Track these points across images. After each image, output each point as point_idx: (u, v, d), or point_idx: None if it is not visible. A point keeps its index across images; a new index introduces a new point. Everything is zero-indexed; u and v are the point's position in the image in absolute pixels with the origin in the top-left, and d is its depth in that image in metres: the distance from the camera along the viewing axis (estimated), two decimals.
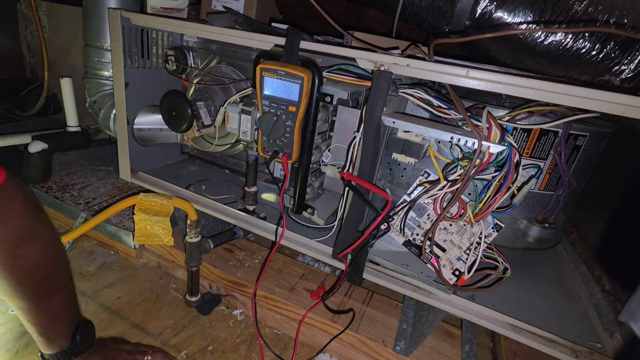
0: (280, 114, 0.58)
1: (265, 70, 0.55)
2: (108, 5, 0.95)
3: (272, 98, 0.57)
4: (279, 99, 0.57)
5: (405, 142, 0.58)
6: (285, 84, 0.56)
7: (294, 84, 0.55)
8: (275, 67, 0.55)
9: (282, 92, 0.56)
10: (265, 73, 0.56)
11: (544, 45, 0.77)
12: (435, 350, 0.69)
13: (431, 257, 0.59)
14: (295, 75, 0.55)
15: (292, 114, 0.57)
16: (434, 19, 0.89)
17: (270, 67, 0.55)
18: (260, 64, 0.56)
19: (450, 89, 0.55)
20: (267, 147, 0.61)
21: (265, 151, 0.61)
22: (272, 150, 0.61)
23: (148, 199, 0.69)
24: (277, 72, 0.55)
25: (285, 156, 0.61)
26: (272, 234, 0.68)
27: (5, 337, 0.64)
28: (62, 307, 0.51)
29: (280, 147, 0.61)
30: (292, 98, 0.56)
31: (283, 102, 0.57)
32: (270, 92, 0.57)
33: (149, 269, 0.87)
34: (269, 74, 0.55)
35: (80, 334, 0.52)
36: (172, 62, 0.77)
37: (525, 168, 0.66)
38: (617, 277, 0.68)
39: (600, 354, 0.53)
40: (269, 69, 0.55)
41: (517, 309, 0.59)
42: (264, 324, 0.76)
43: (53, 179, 1.05)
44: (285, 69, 0.55)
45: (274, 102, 0.57)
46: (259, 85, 0.57)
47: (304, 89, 0.55)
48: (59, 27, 1.25)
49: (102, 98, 1.00)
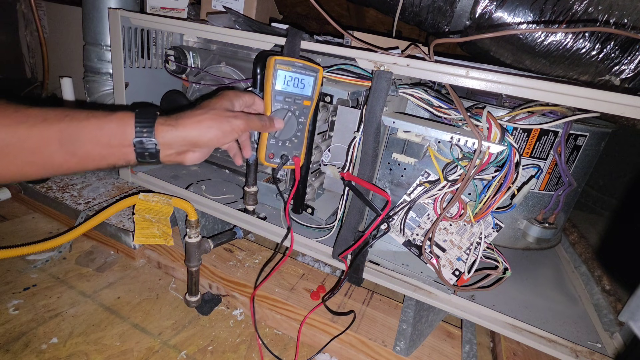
0: (294, 110, 0.54)
1: (280, 63, 0.52)
2: (108, 5, 0.95)
3: (286, 93, 0.53)
4: (293, 93, 0.53)
5: (405, 142, 0.58)
6: (300, 78, 0.53)
7: (308, 77, 0.53)
8: (292, 60, 0.52)
9: (296, 86, 0.53)
10: (281, 66, 0.52)
11: (544, 45, 0.77)
12: (435, 350, 0.69)
13: (431, 257, 0.59)
14: (311, 67, 0.53)
15: (306, 109, 0.55)
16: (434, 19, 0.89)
17: (286, 59, 0.52)
18: (275, 56, 0.52)
19: (450, 89, 0.55)
20: (274, 153, 0.55)
21: (271, 158, 0.55)
22: (280, 155, 0.56)
23: (148, 199, 0.69)
24: (294, 64, 0.52)
25: (297, 160, 0.56)
26: (272, 234, 0.68)
27: (5, 337, 0.64)
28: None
29: (289, 150, 0.56)
30: (305, 93, 0.54)
31: (298, 97, 0.54)
32: (283, 86, 0.53)
33: (149, 269, 0.87)
34: (285, 67, 0.52)
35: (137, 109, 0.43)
36: (172, 62, 0.77)
37: (525, 168, 0.66)
38: (617, 277, 0.68)
39: (600, 354, 0.53)
40: (285, 62, 0.52)
41: (517, 309, 0.59)
42: (264, 324, 0.76)
43: (53, 179, 1.05)
44: (302, 61, 0.52)
45: (288, 97, 0.53)
46: (271, 79, 0.52)
47: (318, 82, 0.54)
48: (59, 27, 1.25)
49: (102, 98, 1.00)
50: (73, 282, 0.79)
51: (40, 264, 0.82)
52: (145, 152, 0.42)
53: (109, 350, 0.64)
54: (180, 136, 0.43)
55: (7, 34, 1.38)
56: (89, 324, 0.69)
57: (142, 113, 0.43)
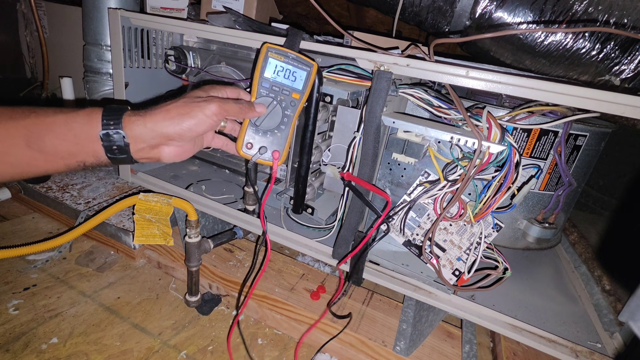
0: (280, 100, 0.51)
1: (272, 51, 0.50)
2: (108, 5, 0.95)
3: (274, 82, 0.51)
4: (281, 84, 0.52)
5: (405, 142, 0.58)
6: (292, 70, 0.51)
7: (301, 70, 0.51)
8: (286, 50, 0.51)
9: (286, 77, 0.52)
10: (272, 54, 0.50)
11: (544, 45, 0.77)
12: (435, 350, 0.69)
13: (431, 257, 0.59)
14: (305, 61, 0.51)
15: (295, 102, 0.52)
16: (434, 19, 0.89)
17: (279, 49, 0.50)
18: (268, 44, 0.51)
19: (450, 89, 0.55)
20: (252, 143, 0.51)
21: (248, 148, 0.51)
22: (259, 147, 0.52)
23: (148, 199, 0.69)
24: (287, 54, 0.51)
25: (276, 155, 0.52)
26: (272, 234, 0.68)
27: (5, 337, 0.64)
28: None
29: (270, 143, 0.52)
30: (296, 86, 0.52)
31: (287, 89, 0.52)
32: (272, 75, 0.51)
33: (149, 269, 0.87)
34: (277, 56, 0.50)
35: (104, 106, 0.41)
36: (172, 62, 0.77)
37: (525, 168, 0.66)
38: (617, 277, 0.68)
39: (600, 354, 0.53)
40: (278, 50, 0.50)
41: (517, 309, 0.59)
42: (264, 324, 0.76)
43: (53, 179, 1.05)
44: (297, 53, 0.51)
45: (275, 87, 0.51)
46: (260, 66, 0.50)
47: (311, 77, 0.52)
48: (59, 27, 1.25)
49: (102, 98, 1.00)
50: (73, 282, 0.79)
51: (40, 264, 0.82)
52: (113, 145, 0.41)
53: (109, 350, 0.64)
54: (150, 127, 0.41)
55: (7, 34, 1.38)
56: (89, 324, 0.69)
57: (110, 107, 0.41)
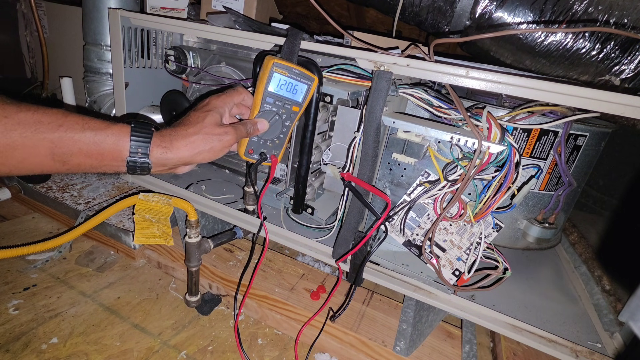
0: (281, 113, 0.56)
1: (278, 66, 0.53)
2: (108, 5, 0.95)
3: (277, 96, 0.55)
4: (284, 97, 0.55)
5: (405, 142, 0.58)
6: (294, 83, 0.54)
7: (302, 84, 0.55)
8: (290, 65, 0.53)
9: (289, 91, 0.55)
10: (278, 69, 0.53)
11: (544, 45, 0.77)
12: (435, 350, 0.69)
13: (431, 257, 0.59)
14: (307, 76, 0.54)
15: (293, 114, 0.57)
16: (434, 19, 0.89)
17: (284, 64, 0.53)
18: (274, 59, 0.53)
19: (450, 89, 0.55)
20: (253, 149, 0.57)
21: (250, 153, 0.57)
22: (259, 152, 0.58)
23: (148, 198, 0.69)
24: (292, 70, 0.54)
25: (274, 159, 0.59)
26: (272, 234, 0.68)
27: (5, 337, 0.64)
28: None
29: (269, 149, 0.58)
30: (296, 98, 0.55)
31: (288, 102, 0.56)
32: (275, 89, 0.55)
33: (149, 269, 0.87)
34: (281, 71, 0.53)
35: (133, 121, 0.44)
36: (172, 62, 0.77)
37: (525, 168, 0.66)
38: (617, 277, 0.68)
39: (600, 354, 0.53)
40: (282, 65, 0.53)
41: (517, 309, 0.59)
42: (264, 324, 0.76)
43: (53, 179, 1.05)
44: (300, 68, 0.54)
45: (279, 101, 0.55)
46: (265, 80, 0.53)
47: (310, 91, 0.55)
48: (59, 27, 1.25)
49: (102, 98, 1.00)
50: (73, 282, 0.79)
51: (40, 264, 0.82)
52: (137, 168, 0.44)
53: (109, 350, 0.64)
54: (174, 158, 0.46)
55: (7, 34, 1.38)
56: (89, 324, 0.69)
57: (138, 132, 0.44)
